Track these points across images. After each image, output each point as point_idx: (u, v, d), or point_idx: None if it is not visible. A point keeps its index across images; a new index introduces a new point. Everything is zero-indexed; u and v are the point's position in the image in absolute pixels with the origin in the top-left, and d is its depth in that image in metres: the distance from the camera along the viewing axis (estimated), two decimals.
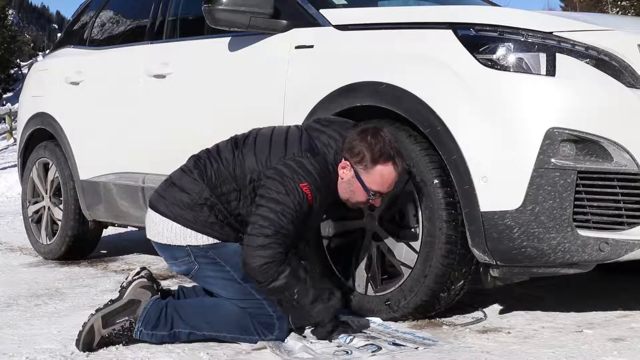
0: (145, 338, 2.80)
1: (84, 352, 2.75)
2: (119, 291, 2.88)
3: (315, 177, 2.73)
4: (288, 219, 2.69)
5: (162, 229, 2.87)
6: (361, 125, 2.85)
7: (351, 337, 2.79)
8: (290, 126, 2.95)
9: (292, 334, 2.85)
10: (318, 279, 2.81)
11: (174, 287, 3.11)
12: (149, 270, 2.94)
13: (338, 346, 2.74)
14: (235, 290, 2.82)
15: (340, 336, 2.81)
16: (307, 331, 2.93)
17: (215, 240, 2.83)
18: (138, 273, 2.90)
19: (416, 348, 2.68)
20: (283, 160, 2.75)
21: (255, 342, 2.78)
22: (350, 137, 2.78)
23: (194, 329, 2.81)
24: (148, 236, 2.97)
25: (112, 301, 2.84)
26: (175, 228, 2.83)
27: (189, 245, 2.83)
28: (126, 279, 2.92)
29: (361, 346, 2.71)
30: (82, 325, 2.78)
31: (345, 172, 2.79)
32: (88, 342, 2.76)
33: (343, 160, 2.79)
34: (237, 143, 2.91)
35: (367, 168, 2.75)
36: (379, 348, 2.68)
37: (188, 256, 2.84)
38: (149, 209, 2.95)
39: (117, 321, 2.79)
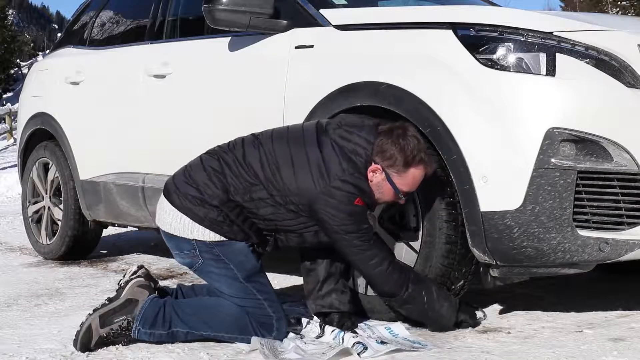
0: (143, 337, 2.80)
1: (82, 352, 2.75)
2: (117, 290, 2.88)
3: (361, 188, 2.74)
4: (367, 236, 2.76)
5: (171, 219, 2.86)
6: (386, 125, 2.80)
7: (342, 335, 2.78)
8: (318, 136, 2.82)
9: (290, 334, 2.86)
10: (434, 282, 2.88)
11: (173, 287, 3.11)
12: (146, 269, 2.94)
13: (330, 346, 2.74)
14: (237, 289, 2.82)
15: (333, 335, 2.81)
16: (307, 328, 2.94)
17: (222, 238, 2.82)
18: (135, 272, 2.90)
19: (410, 348, 2.67)
20: (331, 185, 2.71)
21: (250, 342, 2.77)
22: (381, 142, 2.75)
23: (192, 328, 2.81)
24: (156, 222, 2.97)
25: (110, 300, 2.83)
26: (184, 220, 2.83)
27: (195, 240, 2.82)
28: (123, 277, 2.92)
29: (350, 345, 2.69)
30: (80, 325, 2.77)
31: (375, 176, 2.76)
32: (85, 342, 2.75)
33: (373, 164, 2.76)
34: (263, 148, 2.83)
35: (400, 171, 2.74)
36: (365, 348, 2.65)
37: (193, 250, 2.84)
38: (162, 196, 2.94)
39: (115, 321, 2.78)
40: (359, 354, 2.63)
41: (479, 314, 2.97)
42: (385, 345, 2.69)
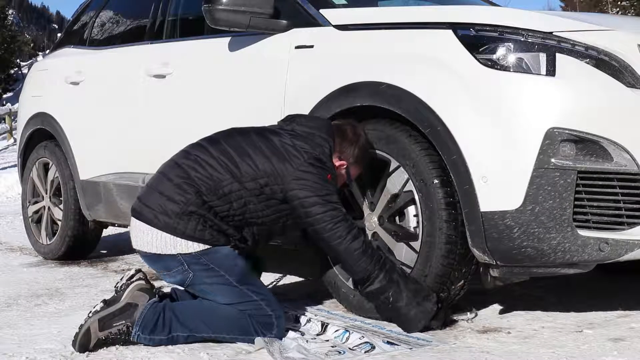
0: (143, 342, 2.79)
1: (81, 353, 2.74)
2: (115, 293, 2.87)
3: (331, 168, 2.93)
4: (336, 199, 2.86)
5: (150, 238, 2.84)
6: (336, 122, 3.06)
7: (347, 335, 2.79)
8: (278, 131, 2.98)
9: (291, 333, 2.86)
10: (414, 282, 2.87)
11: (168, 289, 3.10)
12: (144, 272, 2.94)
13: (332, 346, 2.75)
14: (232, 294, 2.82)
15: (335, 335, 2.82)
16: (307, 326, 2.95)
17: (206, 246, 2.82)
18: (133, 276, 2.89)
19: (410, 348, 2.68)
20: (307, 161, 2.85)
21: (254, 342, 2.78)
22: (342, 139, 3.00)
23: (192, 331, 2.80)
24: (135, 247, 2.94)
25: (107, 303, 2.82)
26: (164, 237, 2.82)
27: (180, 254, 2.81)
28: (121, 279, 2.91)
29: (355, 346, 2.72)
30: (79, 327, 2.77)
31: (340, 169, 3.01)
32: (84, 343, 2.75)
33: (339, 160, 2.99)
34: (225, 144, 2.90)
35: (357, 164, 3.04)
36: (373, 347, 2.68)
37: (181, 265, 2.83)
38: (133, 219, 2.93)
39: (114, 325, 2.77)
40: (366, 352, 2.64)
41: (471, 314, 2.99)
42: (393, 346, 2.69)
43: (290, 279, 3.86)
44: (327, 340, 2.82)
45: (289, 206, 2.86)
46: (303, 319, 3.02)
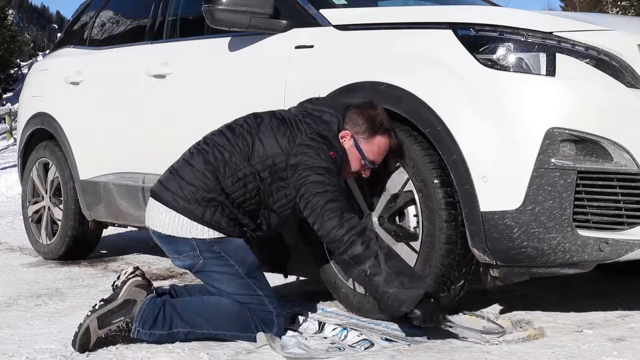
0: (143, 337, 2.80)
1: (81, 352, 2.74)
2: (112, 291, 2.87)
3: (337, 148, 2.87)
4: (337, 178, 2.81)
5: (168, 219, 2.86)
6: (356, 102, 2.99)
7: (345, 332, 2.80)
8: (292, 110, 3.01)
9: (289, 332, 2.88)
10: (405, 265, 2.75)
11: (166, 287, 3.11)
12: (141, 270, 2.94)
13: (332, 343, 2.77)
14: (238, 285, 2.83)
15: (333, 333, 2.83)
16: (304, 325, 2.96)
17: (221, 235, 2.85)
18: (131, 273, 2.89)
19: (409, 345, 2.70)
20: (308, 137, 2.84)
21: (255, 340, 2.78)
22: (351, 111, 2.93)
23: (193, 327, 2.81)
24: (150, 226, 2.94)
25: (105, 301, 2.82)
26: (182, 220, 2.84)
27: (194, 239, 2.83)
28: (118, 278, 2.91)
29: (354, 342, 2.73)
30: (78, 327, 2.77)
31: (345, 141, 2.92)
32: (84, 343, 2.75)
33: (345, 128, 2.93)
34: (240, 128, 2.93)
35: (367, 138, 2.91)
36: (372, 344, 2.70)
37: (193, 250, 2.84)
38: (152, 199, 2.94)
39: (113, 322, 2.78)
40: (365, 349, 2.65)
41: (453, 324, 2.83)
42: (391, 343, 2.71)
43: (290, 278, 3.86)
44: (326, 338, 2.84)
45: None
46: (300, 318, 3.04)
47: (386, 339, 2.75)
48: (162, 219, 2.88)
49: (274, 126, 2.89)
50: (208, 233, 2.83)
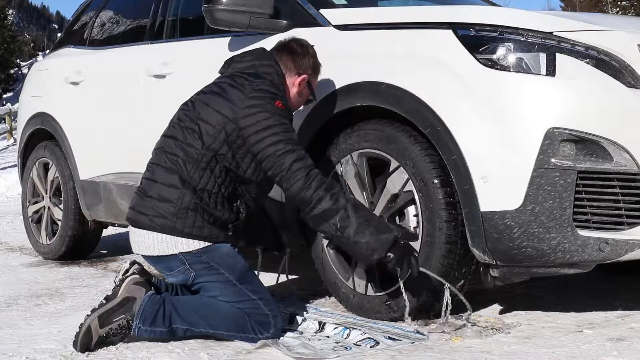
0: (144, 334, 2.80)
1: (82, 352, 2.74)
2: (113, 289, 2.87)
3: (281, 95, 2.94)
4: (291, 132, 2.85)
5: (151, 242, 2.87)
6: (276, 46, 3.14)
7: (347, 332, 2.81)
8: (220, 81, 3.03)
9: (289, 333, 2.88)
10: (371, 215, 2.82)
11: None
12: (139, 264, 2.94)
13: (336, 342, 2.77)
14: (231, 293, 2.84)
15: (335, 332, 2.83)
16: (303, 325, 2.96)
17: (207, 243, 2.85)
18: (128, 269, 2.90)
19: (412, 342, 2.71)
20: (249, 96, 2.87)
21: (254, 341, 2.79)
22: (289, 55, 3.07)
23: (191, 325, 2.82)
24: (137, 251, 2.96)
25: (107, 300, 2.83)
26: (164, 238, 2.84)
27: (181, 253, 2.83)
28: (118, 274, 2.91)
29: (358, 341, 2.74)
30: (79, 327, 2.77)
31: (302, 86, 3.08)
32: (86, 342, 2.75)
33: (297, 76, 3.06)
34: (179, 123, 2.95)
35: (315, 74, 3.12)
36: (377, 342, 2.71)
37: (182, 264, 2.85)
38: (132, 228, 2.96)
39: (114, 320, 2.78)
40: (371, 347, 2.67)
41: (465, 314, 2.88)
42: (395, 341, 2.72)
43: (282, 277, 3.86)
44: (328, 337, 2.85)
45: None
46: (299, 319, 3.04)
47: (389, 338, 2.76)
48: (146, 242, 2.88)
49: (209, 101, 2.92)
50: (193, 245, 2.83)
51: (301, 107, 3.20)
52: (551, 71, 2.70)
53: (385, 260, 2.73)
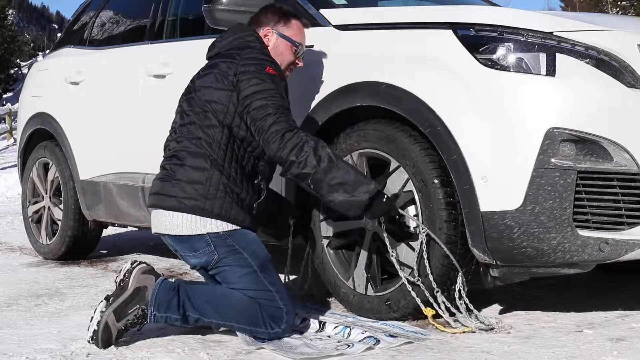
0: (160, 321, 2.82)
1: (105, 348, 2.76)
2: (119, 284, 2.86)
3: (271, 60, 2.98)
4: (278, 97, 2.88)
5: (180, 220, 2.87)
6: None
7: (347, 330, 2.81)
8: (212, 61, 3.06)
9: (292, 334, 2.87)
10: (348, 171, 2.81)
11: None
12: (139, 262, 2.93)
13: (338, 341, 2.77)
14: (250, 280, 2.84)
15: (336, 331, 2.83)
16: (304, 324, 2.96)
17: (234, 227, 2.88)
18: (130, 267, 2.89)
19: (412, 342, 2.72)
20: (240, 64, 2.92)
21: (262, 335, 2.79)
22: (255, 18, 3.14)
23: (202, 315, 2.83)
24: (161, 231, 2.94)
25: (108, 299, 2.82)
26: (193, 218, 2.85)
27: (208, 234, 2.85)
28: (119, 273, 2.90)
29: (360, 339, 2.74)
30: (97, 324, 2.76)
31: (270, 38, 3.08)
32: (106, 339, 2.77)
33: (262, 30, 3.09)
34: (190, 110, 2.98)
35: (285, 24, 3.11)
36: (378, 341, 2.71)
37: (208, 246, 2.86)
38: (155, 210, 2.95)
39: (129, 312, 2.79)
40: (373, 346, 2.67)
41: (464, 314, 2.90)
42: (396, 339, 2.73)
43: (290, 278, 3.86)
44: (329, 337, 2.85)
45: None
46: (299, 318, 3.03)
47: (390, 335, 2.76)
48: (174, 221, 2.88)
49: (208, 83, 2.95)
50: (222, 226, 2.85)
51: (298, 64, 3.15)
52: (551, 71, 2.70)
53: (366, 214, 2.86)
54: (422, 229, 2.86)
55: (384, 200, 2.82)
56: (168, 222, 2.90)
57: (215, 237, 2.86)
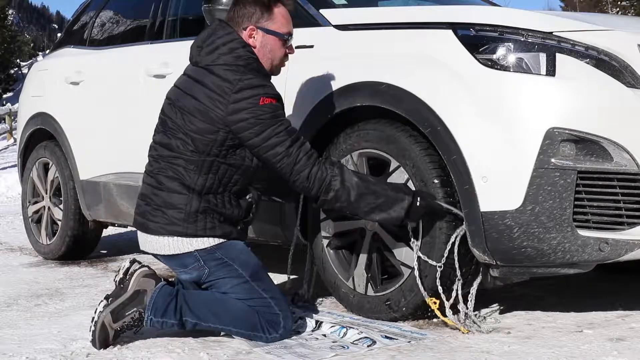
0: (155, 326, 2.81)
1: (104, 349, 2.76)
2: (120, 284, 2.86)
3: (258, 84, 2.79)
4: (283, 130, 2.78)
5: (166, 242, 2.87)
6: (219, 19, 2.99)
7: (343, 330, 2.81)
8: (198, 81, 2.85)
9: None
10: (379, 191, 2.82)
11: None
12: (139, 263, 2.93)
13: (333, 341, 2.77)
14: (243, 290, 2.84)
15: (331, 330, 2.83)
16: (300, 323, 2.96)
17: (221, 240, 2.86)
18: (129, 269, 2.89)
19: (409, 342, 2.72)
20: (231, 102, 2.76)
21: (261, 340, 2.79)
22: (234, 15, 2.91)
23: (201, 320, 2.82)
24: (150, 250, 2.94)
25: (108, 299, 2.82)
26: (179, 239, 2.85)
27: (196, 250, 2.84)
28: (118, 272, 2.90)
29: (355, 340, 2.74)
30: (94, 324, 2.77)
31: (255, 37, 2.89)
32: (104, 339, 2.77)
33: (245, 31, 2.88)
34: (171, 130, 2.88)
35: (268, 16, 2.90)
36: (374, 342, 2.71)
37: (197, 262, 2.86)
38: (142, 233, 2.95)
39: (127, 314, 2.79)
40: (368, 347, 2.67)
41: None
42: (392, 340, 2.72)
43: (283, 277, 3.86)
44: (325, 336, 2.85)
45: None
46: (295, 317, 3.04)
47: (386, 337, 2.76)
48: (160, 242, 2.88)
49: (193, 111, 2.81)
50: (208, 242, 2.84)
51: (291, 53, 3.01)
52: (551, 71, 2.70)
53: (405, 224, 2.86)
54: (457, 217, 2.82)
55: (418, 204, 2.80)
56: (155, 243, 2.90)
57: (203, 252, 2.85)
